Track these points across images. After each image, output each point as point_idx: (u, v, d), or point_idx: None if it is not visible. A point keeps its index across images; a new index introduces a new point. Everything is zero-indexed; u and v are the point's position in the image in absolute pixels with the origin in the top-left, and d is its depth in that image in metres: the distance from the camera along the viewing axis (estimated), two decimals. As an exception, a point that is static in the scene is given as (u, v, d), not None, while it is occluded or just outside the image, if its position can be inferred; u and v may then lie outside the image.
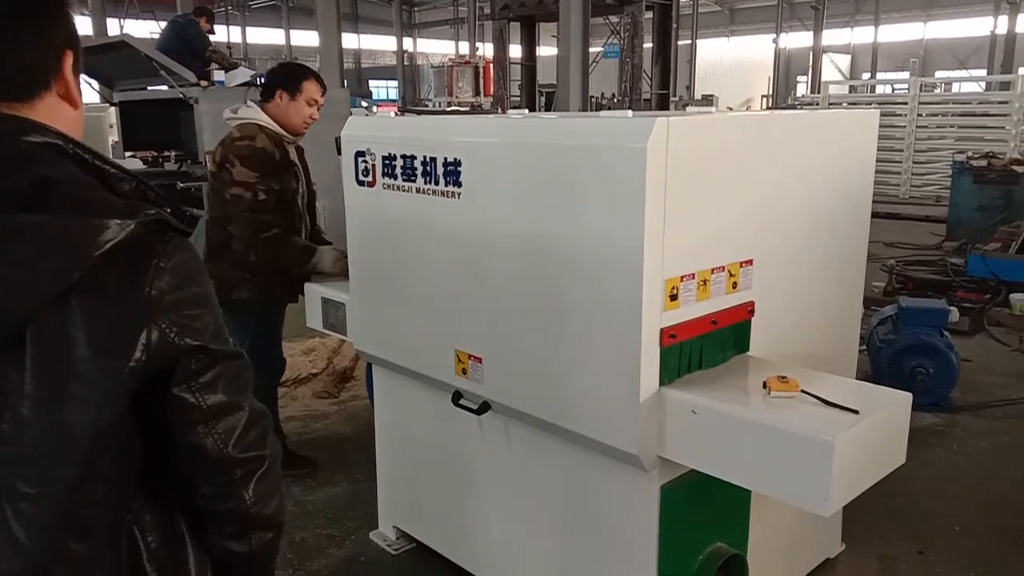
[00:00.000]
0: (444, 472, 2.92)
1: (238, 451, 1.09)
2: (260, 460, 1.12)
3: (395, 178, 2.66)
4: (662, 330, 2.05)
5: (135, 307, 0.98)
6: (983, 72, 25.56)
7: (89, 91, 9.01)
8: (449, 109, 17.70)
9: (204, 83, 7.30)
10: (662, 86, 11.34)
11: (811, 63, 24.17)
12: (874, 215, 2.96)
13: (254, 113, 3.42)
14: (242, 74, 7.55)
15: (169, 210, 1.05)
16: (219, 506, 1.11)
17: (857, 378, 2.83)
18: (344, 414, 4.65)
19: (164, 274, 1.00)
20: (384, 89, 35.29)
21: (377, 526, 3.34)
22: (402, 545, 3.23)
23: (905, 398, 2.10)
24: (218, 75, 7.89)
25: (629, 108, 9.50)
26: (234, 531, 1.14)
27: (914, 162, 13.92)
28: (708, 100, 17.48)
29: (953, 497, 3.69)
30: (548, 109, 14.07)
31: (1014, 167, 8.95)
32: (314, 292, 3.35)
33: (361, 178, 2.81)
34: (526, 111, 2.87)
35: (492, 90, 15.31)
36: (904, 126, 13.87)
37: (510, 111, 2.88)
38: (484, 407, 2.56)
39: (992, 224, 8.32)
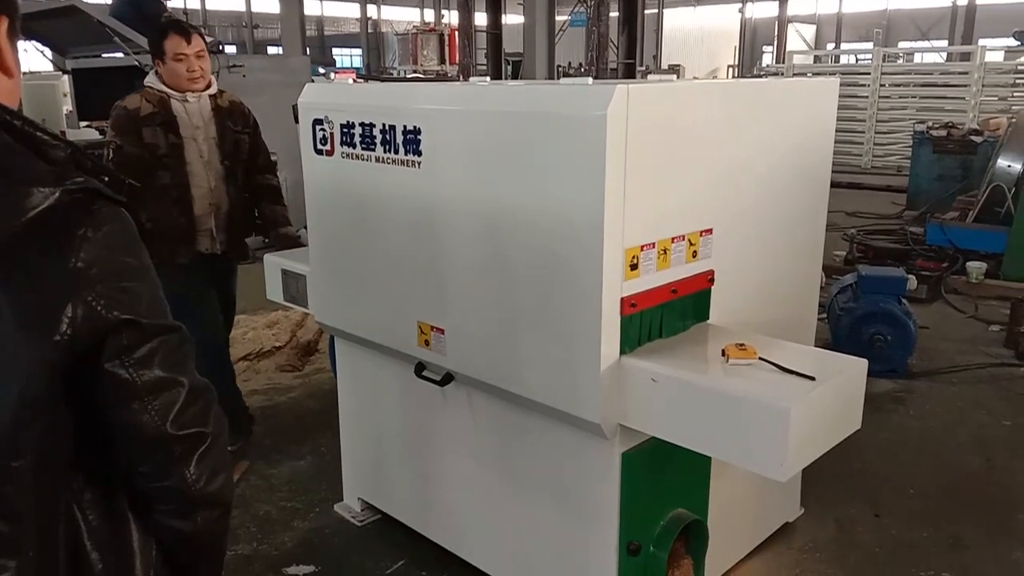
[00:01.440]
0: (408, 443, 2.91)
1: (176, 428, 1.05)
2: (201, 437, 1.08)
3: (354, 147, 2.62)
4: (622, 299, 2.05)
5: (58, 279, 0.94)
6: (944, 43, 25.84)
7: (41, 59, 8.74)
8: (410, 77, 17.40)
9: (160, 50, 7.09)
10: (628, 55, 11.31)
11: (776, 33, 24.25)
12: (836, 185, 2.98)
13: (149, 79, 3.53)
14: None
15: (107, 179, 1.01)
16: (158, 484, 1.08)
17: (817, 346, 2.87)
18: (308, 387, 4.62)
19: (90, 245, 0.96)
20: (348, 57, 34.70)
21: (342, 498, 3.33)
22: (367, 517, 3.23)
23: (860, 364, 2.14)
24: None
25: (593, 76, 9.44)
26: (176, 509, 1.11)
27: (876, 132, 14.07)
28: (674, 70, 17.47)
29: (907, 460, 3.78)
30: (515, 78, 13.95)
31: (972, 137, 9.08)
32: (273, 264, 3.30)
33: (319, 147, 2.75)
34: (488, 79, 2.83)
35: (457, 58, 15.12)
36: (867, 96, 13.99)
37: (472, 79, 2.84)
38: (447, 378, 2.55)
39: (950, 193, 8.46)
